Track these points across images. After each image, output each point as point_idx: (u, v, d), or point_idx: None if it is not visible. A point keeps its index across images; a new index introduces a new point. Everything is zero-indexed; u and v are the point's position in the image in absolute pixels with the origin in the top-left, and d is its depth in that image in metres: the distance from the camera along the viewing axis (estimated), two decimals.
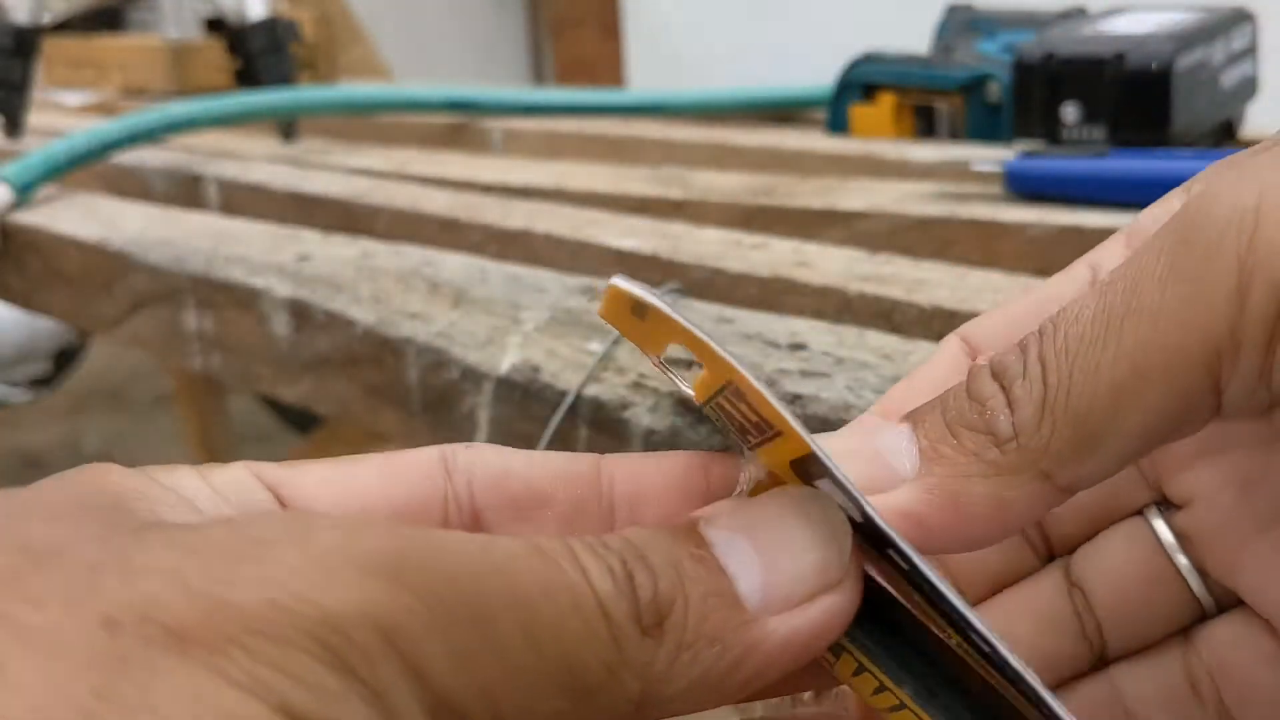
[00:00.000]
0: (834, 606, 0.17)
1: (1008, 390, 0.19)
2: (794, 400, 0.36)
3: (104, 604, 0.13)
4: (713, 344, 0.19)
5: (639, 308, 0.20)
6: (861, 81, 0.77)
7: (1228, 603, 0.22)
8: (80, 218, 0.64)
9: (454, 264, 0.51)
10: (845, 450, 0.19)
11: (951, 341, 0.23)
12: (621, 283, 0.19)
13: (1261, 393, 0.17)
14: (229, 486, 0.18)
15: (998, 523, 0.19)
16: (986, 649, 0.18)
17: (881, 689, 0.19)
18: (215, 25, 1.18)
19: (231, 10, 0.97)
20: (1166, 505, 0.23)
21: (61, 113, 1.16)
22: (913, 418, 0.20)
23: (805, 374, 0.37)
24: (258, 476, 0.19)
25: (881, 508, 0.18)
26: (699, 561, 0.17)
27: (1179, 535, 0.23)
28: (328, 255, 0.53)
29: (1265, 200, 0.17)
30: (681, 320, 0.19)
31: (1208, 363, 0.17)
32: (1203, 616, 0.23)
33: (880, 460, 0.19)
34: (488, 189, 0.70)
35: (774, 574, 0.17)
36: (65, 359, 2.38)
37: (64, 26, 1.25)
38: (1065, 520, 0.24)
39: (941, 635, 0.20)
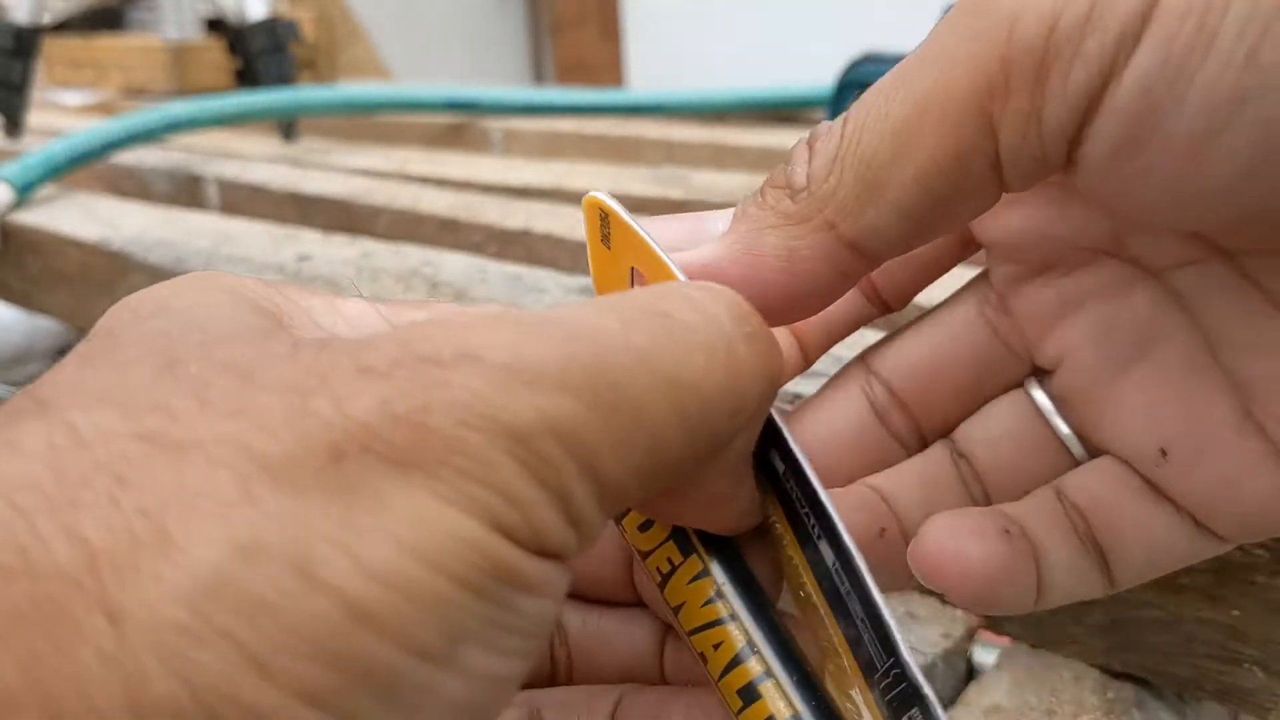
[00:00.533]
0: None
1: (812, 145, 0.19)
2: (794, 399, 0.36)
3: (327, 433, 0.14)
4: (657, 247, 0.20)
5: (605, 221, 0.21)
6: (861, 81, 0.77)
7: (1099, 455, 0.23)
8: (80, 218, 0.64)
9: (454, 264, 0.51)
10: (678, 225, 0.21)
11: None
12: (598, 194, 0.21)
13: (1034, 138, 0.17)
14: (358, 319, 0.19)
15: (789, 274, 0.19)
16: (838, 546, 0.19)
17: (715, 598, 0.20)
18: (215, 25, 1.18)
19: (231, 10, 0.97)
20: (1042, 375, 0.23)
21: (61, 113, 1.17)
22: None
23: (805, 374, 0.37)
24: (377, 312, 0.20)
25: (684, 263, 0.20)
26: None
27: (1054, 399, 0.23)
28: (328, 255, 0.53)
29: None
30: (634, 224, 0.20)
31: (979, 99, 0.17)
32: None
33: (698, 226, 0.21)
34: (488, 189, 0.70)
35: None
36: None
37: (64, 26, 1.25)
38: (944, 403, 0.24)
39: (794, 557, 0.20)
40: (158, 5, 1.18)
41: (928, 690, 0.18)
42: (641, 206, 0.63)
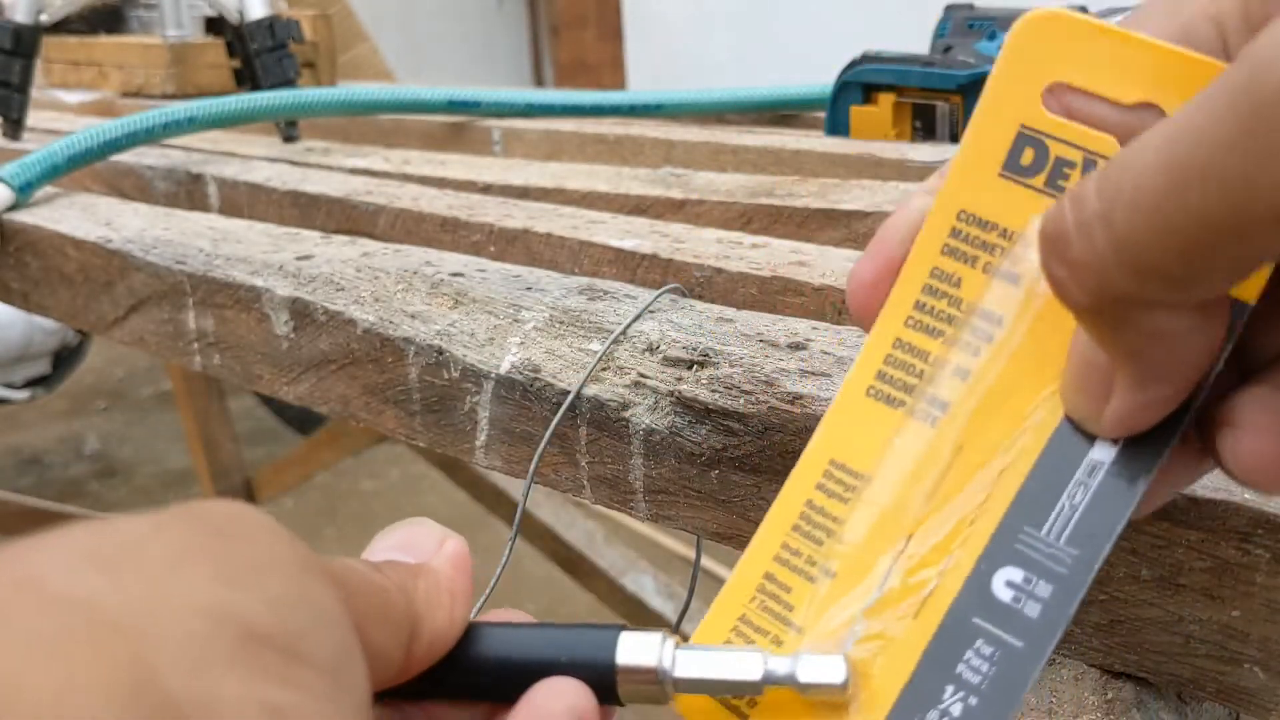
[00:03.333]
0: (453, 544, 0.26)
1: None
2: (794, 400, 0.36)
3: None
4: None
5: (1076, 27, 0.23)
6: (861, 82, 0.77)
7: None
8: (80, 218, 0.64)
9: (454, 264, 0.51)
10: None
11: None
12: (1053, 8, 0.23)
13: None
14: None
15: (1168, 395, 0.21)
16: None
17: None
18: (215, 25, 1.18)
19: (231, 10, 0.97)
20: None
21: (61, 112, 1.17)
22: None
23: (805, 373, 0.37)
24: None
25: None
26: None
27: None
28: (328, 255, 0.53)
29: None
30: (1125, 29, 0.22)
31: (1274, 221, 0.18)
32: None
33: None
34: (488, 189, 0.70)
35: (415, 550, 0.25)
36: (65, 359, 2.38)
37: (64, 26, 1.25)
38: None
39: None
40: (158, 5, 1.18)
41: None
42: (641, 207, 0.63)
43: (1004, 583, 0.22)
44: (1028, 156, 0.24)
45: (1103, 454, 0.22)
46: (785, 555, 0.24)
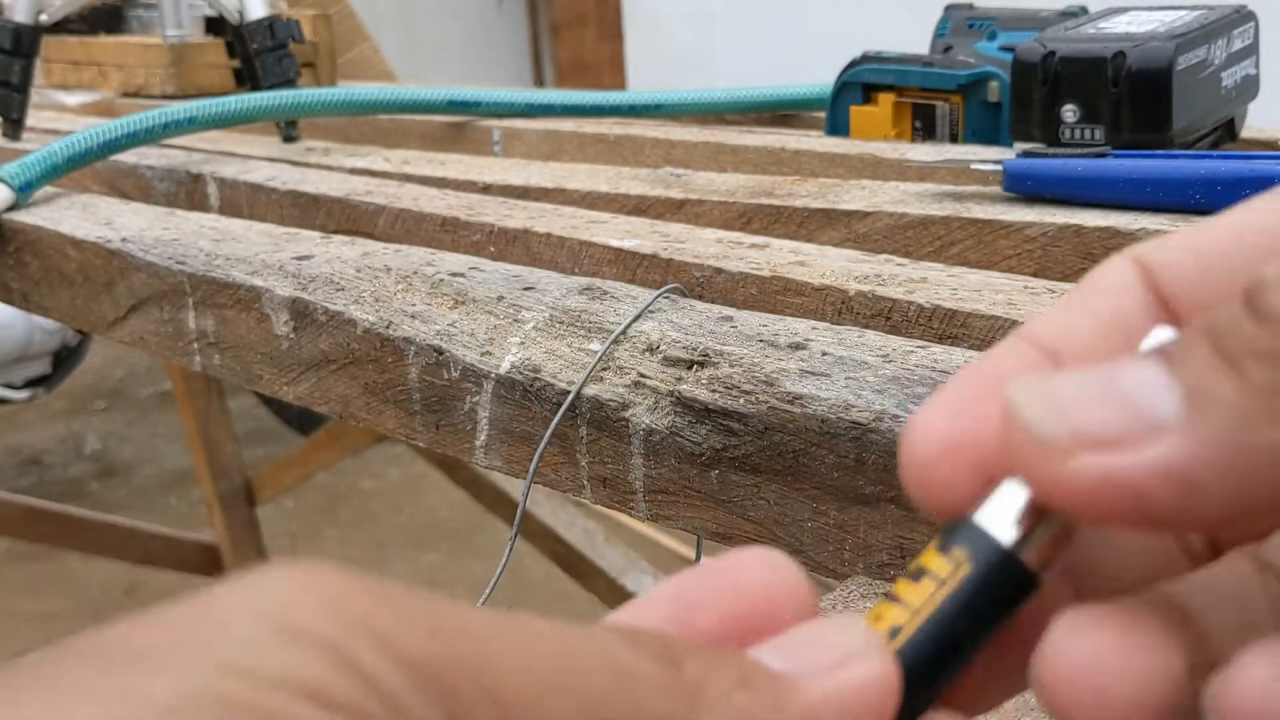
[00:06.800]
0: (868, 669, 0.16)
1: None
2: (794, 400, 0.36)
3: None
4: None
5: None
6: (861, 82, 0.77)
7: None
8: (80, 217, 0.64)
9: (454, 264, 0.51)
10: (1077, 391, 0.16)
11: (1119, 264, 0.18)
12: None
13: None
14: None
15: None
16: None
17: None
18: (215, 25, 1.18)
19: (231, 10, 0.97)
20: None
21: (61, 113, 1.17)
22: (1164, 354, 0.16)
23: (805, 373, 0.37)
24: None
25: (1139, 465, 0.15)
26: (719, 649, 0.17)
27: None
28: (328, 255, 0.53)
29: None
30: None
31: None
32: None
33: (1127, 403, 0.15)
34: (488, 189, 0.70)
35: (797, 653, 0.17)
36: (65, 359, 2.38)
37: (64, 26, 1.25)
38: None
39: None
40: (158, 5, 1.18)
41: None
42: (641, 207, 0.63)
43: None
44: None
45: None
46: None
